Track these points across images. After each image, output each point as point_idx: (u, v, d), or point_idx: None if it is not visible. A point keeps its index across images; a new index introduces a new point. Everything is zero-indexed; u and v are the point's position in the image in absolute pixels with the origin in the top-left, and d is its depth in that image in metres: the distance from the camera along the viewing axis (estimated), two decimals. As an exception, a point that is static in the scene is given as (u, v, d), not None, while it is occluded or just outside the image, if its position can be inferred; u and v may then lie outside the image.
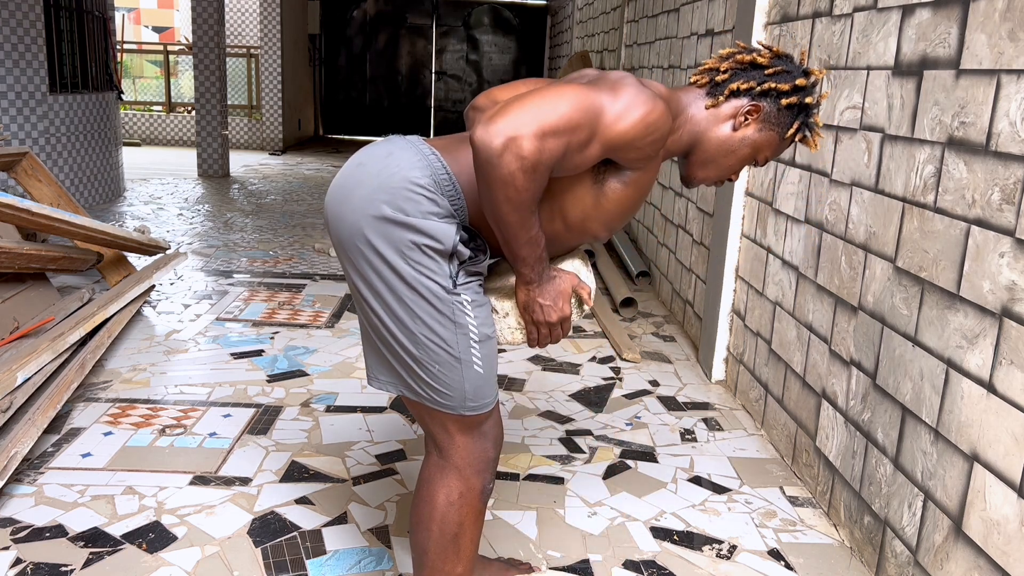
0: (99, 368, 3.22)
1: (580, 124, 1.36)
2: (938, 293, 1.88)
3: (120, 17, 11.74)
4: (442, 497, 1.57)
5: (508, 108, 1.33)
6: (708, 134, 1.57)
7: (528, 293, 1.54)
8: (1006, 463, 1.62)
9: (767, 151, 1.60)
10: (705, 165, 1.60)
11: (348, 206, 1.48)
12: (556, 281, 1.55)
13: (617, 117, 1.39)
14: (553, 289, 1.55)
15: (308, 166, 10.20)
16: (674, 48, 4.67)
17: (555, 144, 1.34)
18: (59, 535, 2.09)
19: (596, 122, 1.38)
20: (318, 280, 4.76)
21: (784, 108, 1.56)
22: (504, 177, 1.32)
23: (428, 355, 1.48)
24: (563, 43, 10.95)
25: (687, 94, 1.59)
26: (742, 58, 1.57)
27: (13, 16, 5.80)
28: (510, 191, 1.33)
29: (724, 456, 2.74)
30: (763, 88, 1.54)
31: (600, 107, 1.38)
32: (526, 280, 1.52)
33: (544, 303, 1.54)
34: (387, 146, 1.54)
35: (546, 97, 1.35)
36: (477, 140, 1.31)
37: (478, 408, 1.53)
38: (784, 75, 1.56)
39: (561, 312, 1.56)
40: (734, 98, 1.56)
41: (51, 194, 4.11)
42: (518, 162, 1.30)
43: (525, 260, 1.47)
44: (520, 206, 1.36)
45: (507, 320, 1.62)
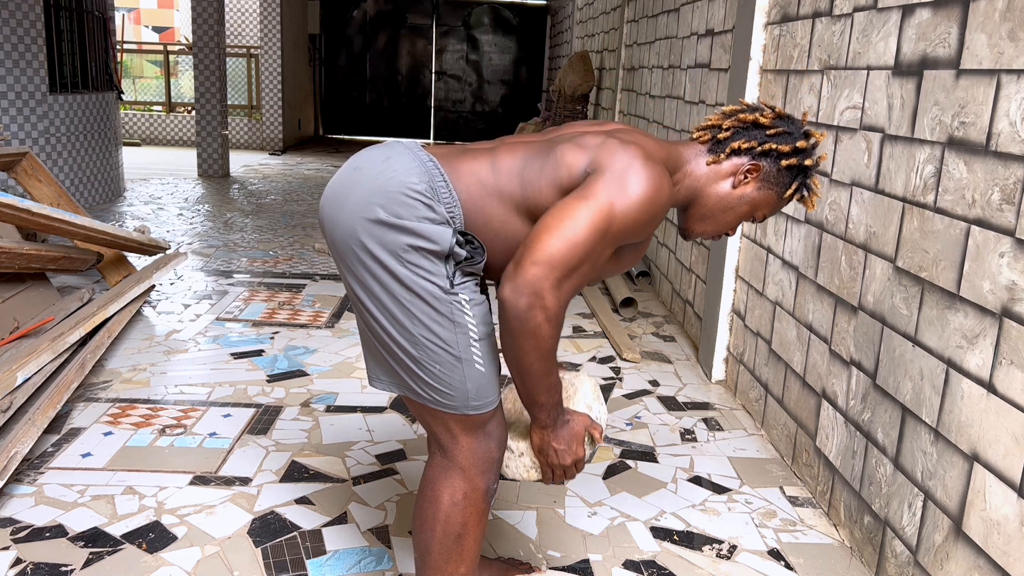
0: (99, 368, 3.22)
1: (595, 250, 1.42)
2: (938, 293, 1.88)
3: (120, 17, 11.74)
4: (446, 497, 1.57)
5: (526, 261, 1.38)
6: (707, 190, 1.61)
7: (543, 437, 1.59)
8: (1006, 463, 1.62)
9: (765, 209, 1.64)
10: (703, 220, 1.64)
11: (344, 209, 1.48)
12: (570, 424, 1.60)
13: (626, 218, 1.43)
14: (567, 433, 1.59)
15: (308, 166, 10.21)
16: (674, 48, 4.67)
17: (575, 282, 1.42)
18: (59, 535, 2.09)
19: (607, 237, 1.43)
20: (318, 280, 4.76)
21: (784, 169, 1.60)
22: (532, 330, 1.39)
23: (428, 356, 1.48)
24: (563, 43, 10.95)
25: (688, 149, 1.63)
26: (745, 117, 1.60)
27: (13, 16, 5.80)
28: (539, 341, 1.41)
29: (724, 456, 2.74)
30: (764, 148, 1.58)
31: (610, 220, 1.42)
32: (541, 424, 1.57)
33: (559, 447, 1.59)
34: (385, 151, 1.54)
35: (563, 234, 1.39)
36: (505, 301, 1.39)
37: (481, 407, 1.53)
38: (785, 136, 1.59)
39: (575, 455, 1.61)
40: (735, 156, 1.60)
41: (51, 194, 4.11)
42: (543, 314, 1.38)
43: (543, 406, 1.53)
44: (546, 354, 1.43)
45: (522, 459, 1.67)
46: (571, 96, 7.80)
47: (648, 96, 5.35)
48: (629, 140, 1.50)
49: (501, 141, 1.62)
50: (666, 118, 4.79)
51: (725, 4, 3.70)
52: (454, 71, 13.91)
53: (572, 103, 7.88)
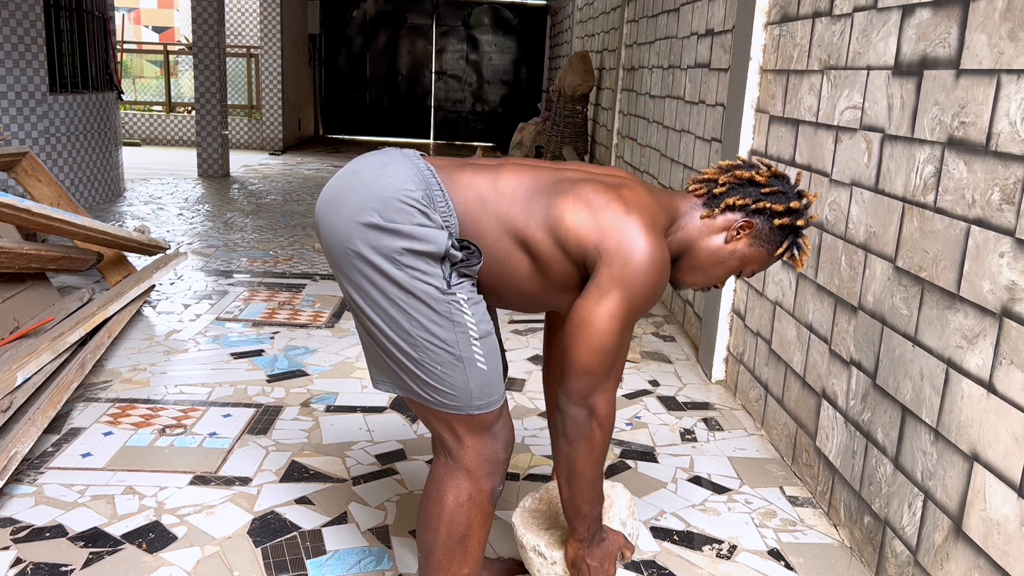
0: (99, 368, 3.22)
1: (623, 344, 1.50)
2: (938, 293, 1.88)
3: (120, 17, 11.74)
4: (451, 498, 1.57)
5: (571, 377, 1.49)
6: (699, 243, 1.65)
7: (578, 552, 1.64)
8: (1006, 463, 1.62)
9: (754, 265, 1.68)
10: (694, 271, 1.67)
11: (339, 215, 1.48)
12: (606, 543, 1.65)
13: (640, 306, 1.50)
14: (601, 551, 1.64)
15: (308, 166, 10.21)
16: (674, 48, 4.67)
17: (615, 374, 1.52)
18: (59, 535, 2.09)
19: (629, 325, 1.51)
20: (318, 280, 4.76)
21: (776, 228, 1.63)
22: (587, 436, 1.50)
23: (429, 357, 1.48)
24: (563, 43, 10.95)
25: (683, 201, 1.67)
26: (741, 174, 1.64)
27: (13, 16, 5.80)
28: (592, 445, 1.51)
29: (724, 456, 2.74)
30: (758, 206, 1.62)
31: (629, 312, 1.48)
32: (579, 537, 1.62)
33: (592, 564, 1.64)
34: (382, 157, 1.55)
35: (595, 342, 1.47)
36: (564, 413, 1.51)
37: (486, 407, 1.53)
38: (779, 195, 1.63)
39: (607, 573, 1.65)
40: (729, 212, 1.63)
41: (51, 194, 4.11)
42: (597, 421, 1.50)
43: (585, 518, 1.59)
44: (598, 459, 1.53)
45: (555, 568, 1.72)
46: (571, 96, 7.80)
47: (648, 96, 5.35)
48: (633, 205, 1.52)
49: (506, 161, 1.64)
50: (666, 118, 4.79)
51: (725, 4, 3.70)
52: (454, 71, 13.91)
53: (572, 103, 7.88)
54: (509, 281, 1.57)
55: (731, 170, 1.66)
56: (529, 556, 1.76)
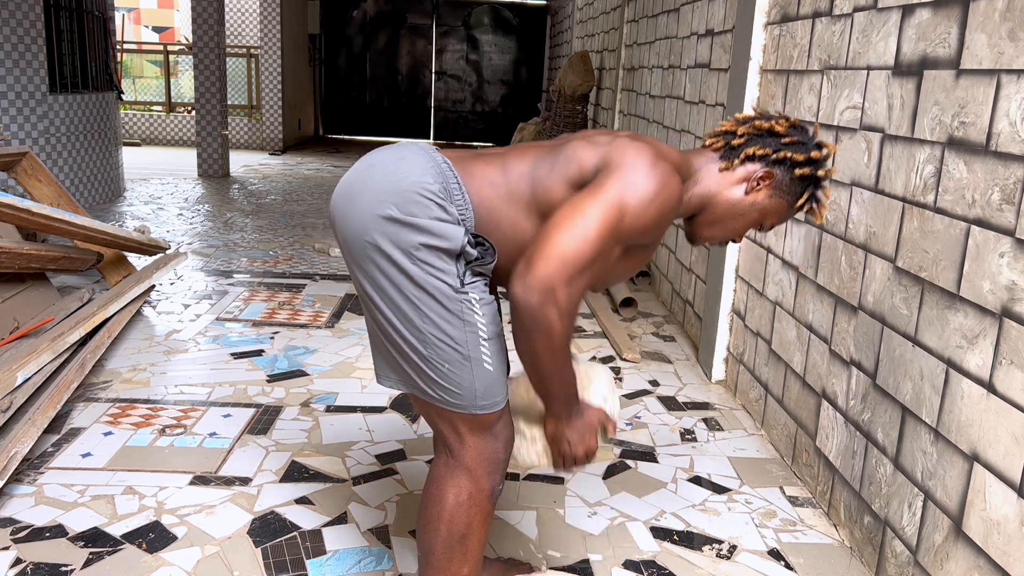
0: (99, 368, 3.22)
1: (605, 249, 1.42)
2: (938, 293, 1.88)
3: (120, 17, 11.74)
4: (451, 497, 1.57)
5: (538, 259, 1.37)
6: (719, 196, 1.61)
7: (557, 427, 1.60)
8: (1006, 463, 1.62)
9: (774, 218, 1.64)
10: (712, 225, 1.64)
11: (356, 207, 1.48)
12: (584, 416, 1.61)
13: (636, 217, 1.43)
14: (581, 424, 1.60)
15: (308, 166, 10.21)
16: (674, 48, 4.67)
17: (586, 279, 1.41)
18: (59, 535, 2.09)
19: (618, 233, 1.43)
20: (318, 280, 4.76)
21: (797, 178, 1.60)
22: (546, 328, 1.39)
23: (437, 354, 1.48)
24: (563, 43, 10.95)
25: (699, 156, 1.63)
26: (760, 124, 1.61)
27: (13, 16, 5.80)
28: (552, 338, 1.40)
29: (724, 456, 2.74)
30: (778, 156, 1.58)
31: (621, 217, 1.42)
32: (555, 414, 1.58)
33: (572, 438, 1.60)
34: (400, 151, 1.54)
35: (574, 231, 1.39)
36: (517, 299, 1.38)
37: (489, 407, 1.53)
38: (799, 146, 1.59)
39: (587, 446, 1.61)
40: (748, 163, 1.60)
41: (51, 194, 4.11)
42: (556, 311, 1.38)
43: (557, 397, 1.54)
44: (559, 350, 1.43)
45: (535, 445, 1.68)
46: (571, 96, 7.80)
47: (648, 96, 5.35)
48: (640, 140, 1.51)
49: (510, 148, 1.63)
50: (666, 118, 4.79)
51: (725, 4, 3.70)
52: (454, 71, 13.91)
53: (572, 103, 7.88)
54: None
55: (749, 121, 1.63)
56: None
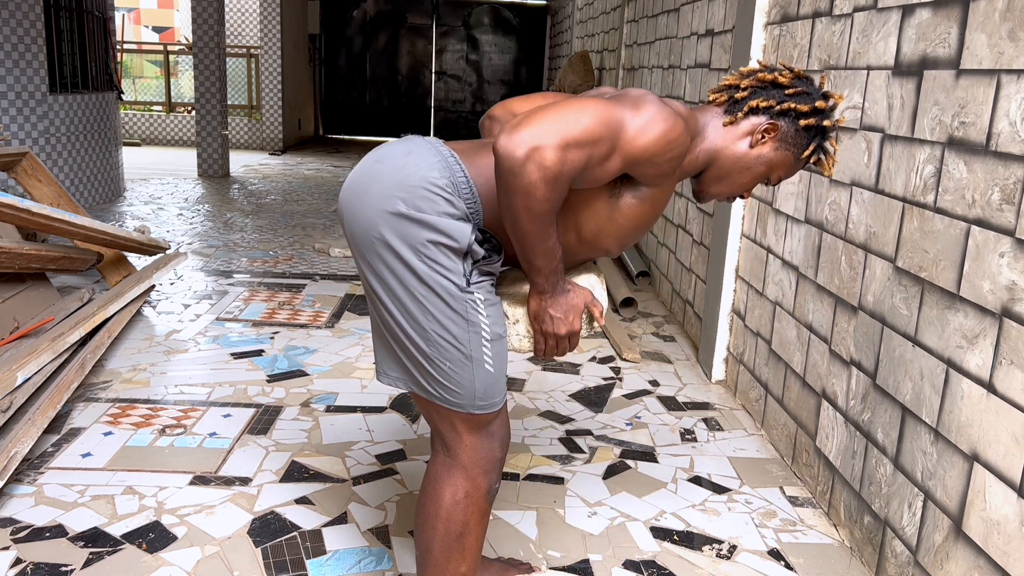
0: (99, 368, 3.22)
1: (602, 137, 1.37)
2: (938, 293, 1.88)
3: (120, 17, 11.74)
4: (448, 496, 1.57)
5: (531, 118, 1.34)
6: (725, 151, 1.59)
7: (540, 303, 1.55)
8: (1006, 463, 1.62)
9: (781, 170, 1.62)
10: (719, 181, 1.62)
11: (365, 201, 1.48)
12: (569, 294, 1.56)
13: (638, 132, 1.40)
14: (565, 302, 1.56)
15: (308, 166, 10.20)
16: (674, 48, 4.67)
17: (577, 155, 1.35)
18: (59, 535, 2.09)
19: (617, 136, 1.39)
20: (318, 280, 4.76)
21: (802, 129, 1.58)
22: (525, 186, 1.33)
23: (440, 352, 1.48)
24: (563, 43, 10.95)
25: (704, 113, 1.61)
26: (763, 76, 1.59)
27: (13, 16, 5.80)
28: (531, 200, 1.35)
29: (724, 456, 2.74)
30: (783, 107, 1.56)
31: (622, 121, 1.40)
32: (539, 289, 1.53)
33: (555, 315, 1.55)
34: (407, 145, 1.54)
35: (569, 109, 1.37)
36: (500, 148, 1.33)
37: (487, 407, 1.53)
38: (804, 96, 1.58)
39: (571, 326, 1.57)
40: (753, 116, 1.58)
41: (51, 194, 4.11)
42: (540, 172, 1.32)
43: (540, 270, 1.49)
44: (540, 216, 1.38)
45: (516, 327, 1.62)
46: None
47: (648, 96, 5.34)
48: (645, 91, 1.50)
49: None
50: (666, 118, 4.78)
51: (725, 4, 3.70)
52: (454, 71, 13.91)
53: (572, 103, 7.86)
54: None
55: (753, 74, 1.61)
56: None
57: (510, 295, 1.65)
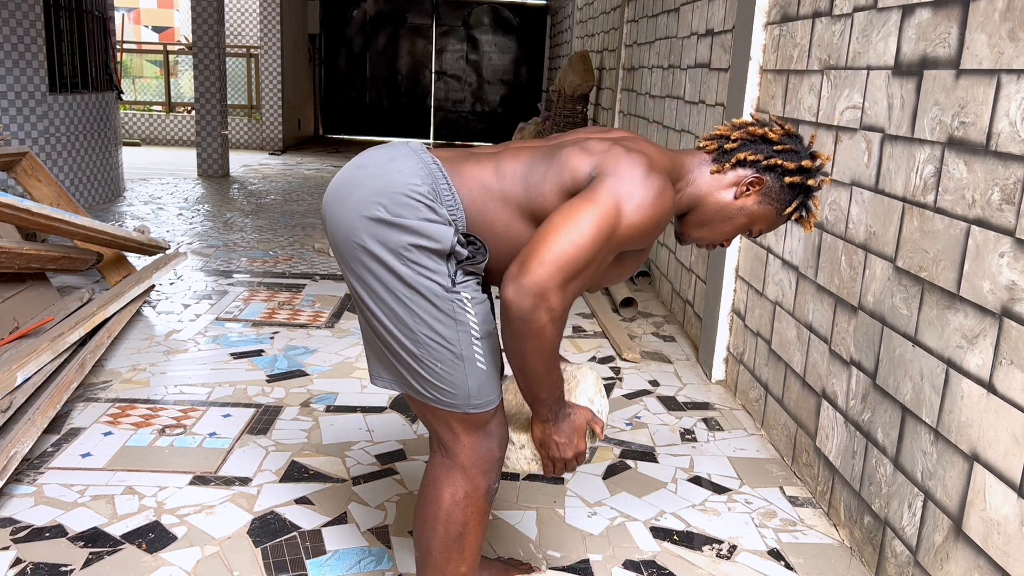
0: (99, 368, 3.22)
1: (599, 254, 1.42)
2: (938, 293, 1.88)
3: (120, 17, 11.74)
4: (447, 496, 1.57)
5: (533, 260, 1.37)
6: (709, 198, 1.62)
7: (544, 431, 1.60)
8: (1006, 463, 1.62)
9: (762, 224, 1.65)
10: (701, 226, 1.65)
11: (346, 208, 1.48)
12: (571, 418, 1.61)
13: (631, 226, 1.44)
14: (568, 426, 1.60)
15: (308, 166, 10.20)
16: (674, 48, 4.67)
17: (579, 284, 1.42)
18: (59, 535, 2.09)
19: (612, 241, 1.43)
20: (318, 280, 4.76)
21: (787, 186, 1.61)
22: (536, 331, 1.39)
23: (430, 354, 1.48)
24: (563, 43, 10.95)
25: (692, 158, 1.64)
26: (754, 130, 1.62)
27: (13, 16, 5.80)
28: (542, 342, 1.40)
29: (724, 456, 2.74)
30: (769, 163, 1.59)
31: (615, 224, 1.42)
32: (542, 419, 1.58)
33: (560, 441, 1.60)
34: (389, 151, 1.54)
35: (568, 236, 1.39)
36: (509, 302, 1.37)
37: (483, 406, 1.53)
38: (791, 154, 1.61)
39: (576, 448, 1.61)
40: (740, 167, 1.61)
41: (51, 194, 4.11)
42: (548, 315, 1.38)
43: (544, 402, 1.54)
44: (549, 354, 1.43)
45: (523, 451, 1.68)
46: (571, 96, 7.80)
47: (648, 96, 5.35)
48: (634, 148, 1.51)
49: (506, 147, 1.63)
50: (666, 118, 4.79)
51: (725, 4, 3.70)
52: (454, 71, 13.91)
53: (572, 103, 7.88)
54: None
55: (744, 127, 1.64)
56: None
57: (513, 420, 1.71)
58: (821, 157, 1.63)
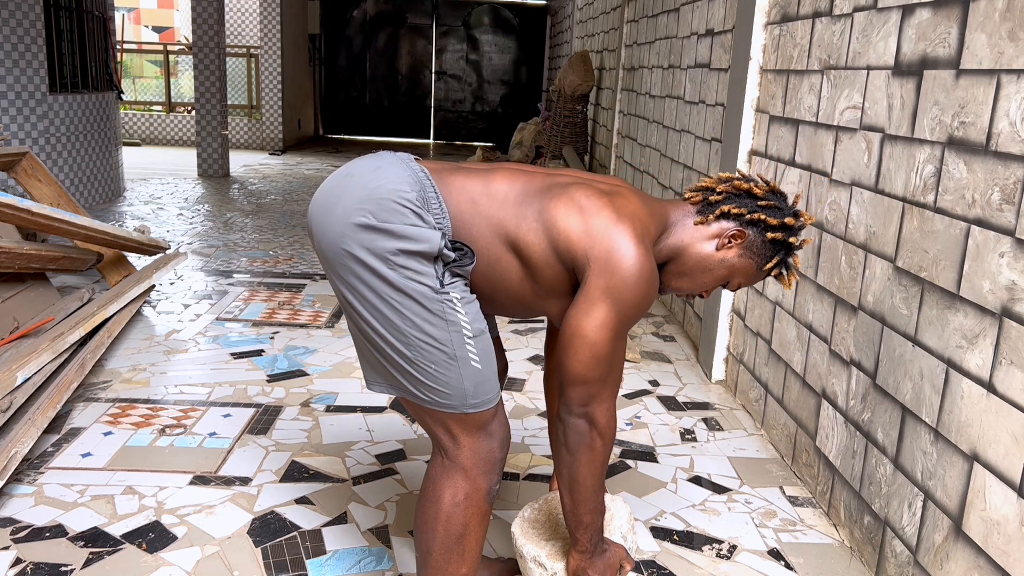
0: (99, 368, 3.22)
1: (617, 353, 1.52)
2: (938, 293, 1.88)
3: (120, 17, 11.74)
4: (448, 497, 1.57)
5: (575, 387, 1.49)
6: (691, 248, 1.65)
7: (580, 562, 1.63)
8: (1006, 463, 1.62)
9: (742, 277, 1.68)
10: (680, 276, 1.67)
11: (333, 216, 1.49)
12: (607, 554, 1.65)
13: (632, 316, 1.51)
14: (603, 563, 1.64)
15: (308, 166, 10.21)
16: (674, 48, 4.67)
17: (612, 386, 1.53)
18: (59, 535, 2.09)
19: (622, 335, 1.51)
20: (318, 280, 4.76)
21: (768, 241, 1.64)
22: (590, 446, 1.51)
23: (423, 356, 1.48)
24: (563, 43, 10.95)
25: (677, 209, 1.67)
26: (739, 184, 1.65)
27: (13, 16, 5.80)
28: (595, 455, 1.52)
29: (724, 456, 2.74)
30: (753, 217, 1.62)
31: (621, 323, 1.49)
32: (581, 548, 1.62)
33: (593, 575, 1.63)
34: (377, 160, 1.56)
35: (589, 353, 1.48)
36: (564, 421, 1.52)
37: (480, 406, 1.53)
38: (775, 210, 1.64)
39: None
40: (723, 220, 1.64)
41: (51, 194, 4.11)
42: (597, 431, 1.51)
43: (587, 528, 1.58)
44: (599, 469, 1.54)
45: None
46: (571, 96, 7.80)
47: (648, 96, 5.35)
48: (624, 213, 1.52)
49: (499, 165, 1.64)
50: (666, 118, 4.79)
51: (725, 4, 3.70)
52: (454, 71, 13.91)
53: (572, 103, 7.88)
54: (499, 285, 1.57)
55: (729, 180, 1.68)
56: (529, 567, 1.75)
57: (548, 545, 1.75)
58: (804, 216, 1.66)
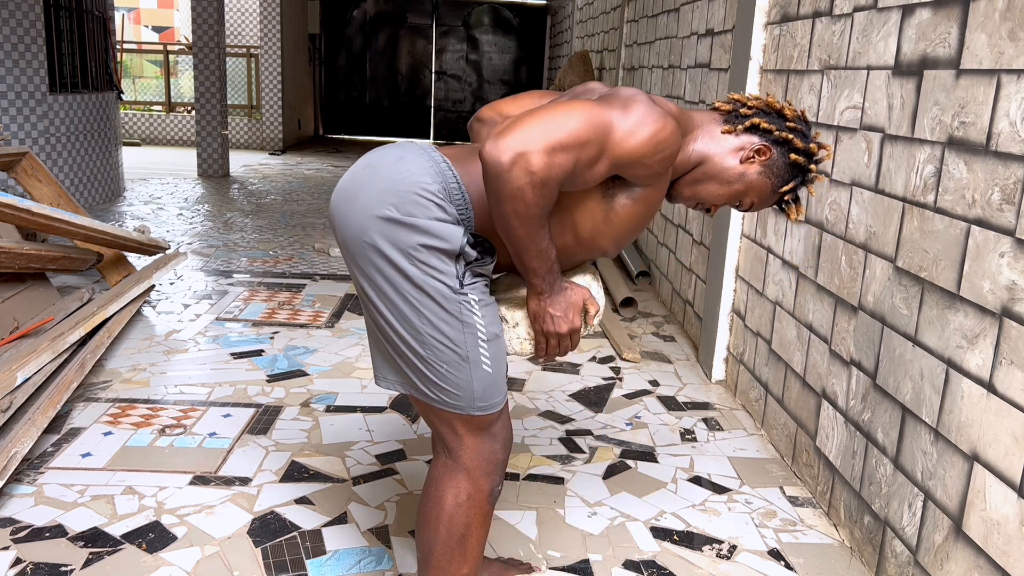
0: (99, 368, 3.22)
1: (589, 140, 1.37)
2: (938, 293, 1.88)
3: (120, 17, 11.74)
4: (450, 498, 1.57)
5: (517, 123, 1.34)
6: (714, 157, 1.60)
7: (539, 303, 1.55)
8: (1006, 463, 1.62)
9: (755, 196, 1.64)
10: (696, 184, 1.62)
11: (355, 206, 1.48)
12: (567, 292, 1.56)
13: (627, 134, 1.40)
14: (564, 300, 1.56)
15: (308, 166, 10.20)
16: (674, 48, 4.67)
17: (564, 159, 1.35)
18: (59, 535, 2.09)
19: (605, 139, 1.39)
20: (318, 280, 4.76)
21: (789, 163, 1.60)
22: (513, 192, 1.34)
23: (436, 355, 1.48)
24: (563, 43, 10.95)
25: (702, 115, 1.62)
26: (772, 102, 1.62)
27: (13, 16, 5.80)
28: (519, 205, 1.35)
29: (724, 456, 2.74)
30: (780, 135, 1.58)
31: (610, 124, 1.39)
32: (537, 290, 1.53)
33: (555, 313, 1.55)
34: (399, 150, 1.53)
35: (556, 112, 1.37)
36: (486, 155, 1.33)
37: (487, 408, 1.53)
38: (801, 135, 1.61)
39: (571, 323, 1.57)
40: (750, 133, 1.59)
41: (51, 194, 4.11)
42: (527, 177, 1.32)
43: (535, 271, 1.49)
44: (529, 220, 1.38)
45: (516, 330, 1.62)
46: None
47: (648, 96, 5.34)
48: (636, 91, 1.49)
49: None
50: (666, 118, 4.78)
51: (725, 4, 3.70)
52: (454, 71, 13.91)
53: (572, 103, 7.86)
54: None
55: (762, 98, 1.65)
56: None
57: (508, 299, 1.65)
58: (827, 148, 1.63)
